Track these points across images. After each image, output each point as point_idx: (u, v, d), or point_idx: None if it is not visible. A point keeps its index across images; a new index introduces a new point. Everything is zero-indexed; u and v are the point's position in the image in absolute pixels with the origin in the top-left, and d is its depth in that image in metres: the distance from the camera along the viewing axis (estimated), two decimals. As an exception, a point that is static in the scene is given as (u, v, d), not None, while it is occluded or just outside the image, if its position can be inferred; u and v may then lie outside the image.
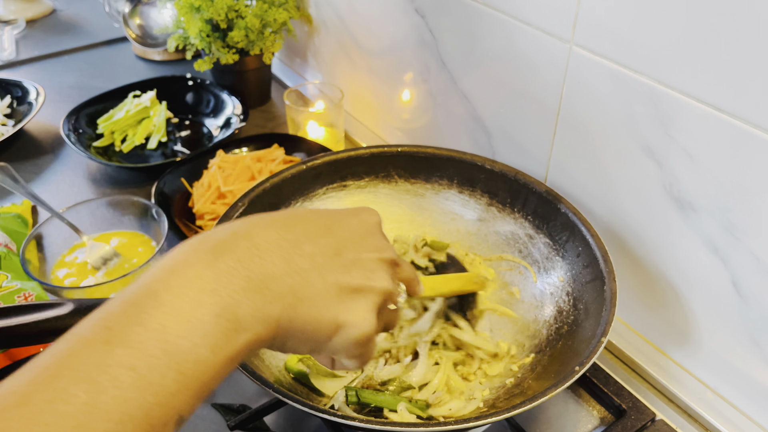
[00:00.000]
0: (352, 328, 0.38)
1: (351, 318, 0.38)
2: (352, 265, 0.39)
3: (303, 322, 0.36)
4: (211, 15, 1.03)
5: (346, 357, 0.40)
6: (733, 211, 0.56)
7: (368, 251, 0.40)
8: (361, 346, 0.39)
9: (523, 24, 0.70)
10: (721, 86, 0.53)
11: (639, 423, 0.62)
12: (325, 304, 0.37)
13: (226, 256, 0.34)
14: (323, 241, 0.39)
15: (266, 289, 0.34)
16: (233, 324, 0.32)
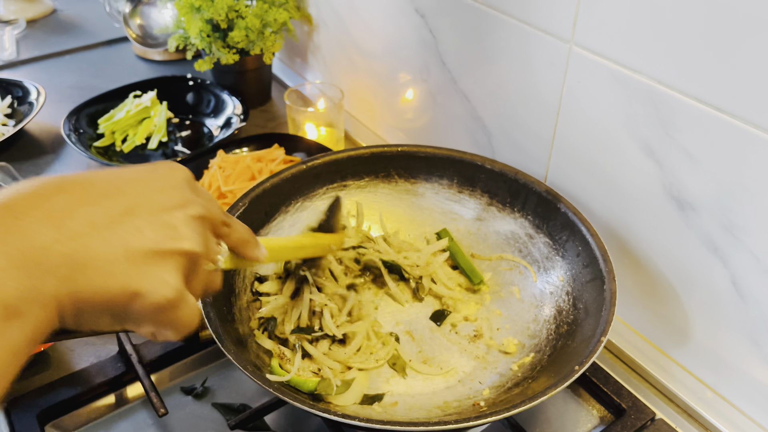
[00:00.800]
0: (150, 295, 0.33)
1: (146, 284, 0.33)
2: (146, 225, 0.34)
3: (90, 294, 0.32)
4: (211, 15, 1.03)
5: (156, 326, 0.36)
6: (732, 211, 0.57)
7: (169, 209, 0.36)
8: (166, 312, 0.35)
9: (523, 24, 0.70)
10: (720, 86, 0.53)
11: (639, 422, 0.62)
12: (112, 271, 0.32)
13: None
14: (108, 202, 0.34)
15: (34, 264, 0.30)
16: (1, 311, 0.28)
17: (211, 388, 0.67)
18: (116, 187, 0.35)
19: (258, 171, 0.90)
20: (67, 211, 0.32)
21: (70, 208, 0.32)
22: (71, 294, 0.31)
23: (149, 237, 0.34)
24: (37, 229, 0.30)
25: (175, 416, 0.64)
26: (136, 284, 0.33)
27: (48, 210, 0.31)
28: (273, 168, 0.91)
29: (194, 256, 0.36)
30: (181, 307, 0.36)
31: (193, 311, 0.37)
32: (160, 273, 0.34)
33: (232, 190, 0.87)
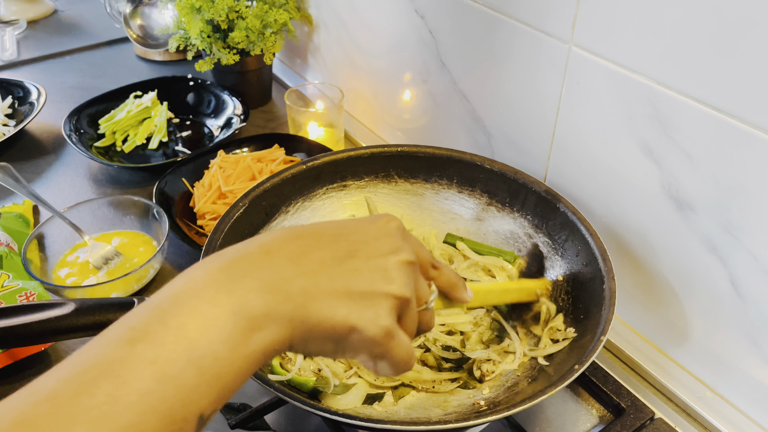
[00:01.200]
0: (364, 330, 0.38)
1: (362, 320, 0.38)
2: (364, 267, 0.40)
3: (316, 322, 0.37)
4: (211, 16, 1.03)
5: (372, 358, 0.41)
6: (731, 211, 0.57)
7: (382, 254, 0.41)
8: (379, 346, 0.39)
9: (522, 24, 0.70)
10: (719, 86, 0.53)
11: (638, 422, 0.62)
12: (335, 305, 0.38)
13: (239, 262, 0.36)
14: (334, 246, 0.40)
15: (277, 291, 0.36)
16: (248, 322, 0.34)
17: (211, 387, 0.67)
18: (341, 235, 0.41)
19: (258, 171, 0.90)
20: (305, 253, 0.38)
21: (306, 250, 0.39)
22: (303, 320, 0.36)
23: (366, 278, 0.39)
24: (283, 264, 0.37)
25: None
26: (354, 319, 0.38)
27: (290, 251, 0.38)
28: (273, 168, 0.91)
29: (403, 299, 0.41)
30: (392, 343, 0.40)
31: (405, 348, 0.41)
32: (374, 311, 0.39)
33: (233, 190, 0.87)
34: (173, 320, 0.32)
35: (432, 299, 0.46)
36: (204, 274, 0.35)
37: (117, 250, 0.82)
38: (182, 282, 0.35)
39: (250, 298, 0.34)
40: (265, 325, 0.35)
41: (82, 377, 0.29)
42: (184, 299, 0.33)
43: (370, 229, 0.42)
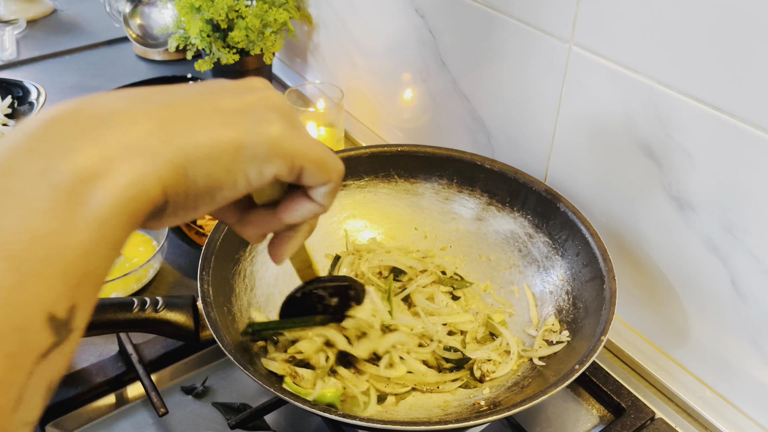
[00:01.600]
0: (257, 130, 0.31)
1: (249, 124, 0.31)
2: (238, 92, 0.33)
3: (195, 147, 0.28)
4: (211, 15, 1.03)
5: (289, 167, 0.32)
6: (732, 211, 0.57)
7: (250, 93, 0.33)
8: (282, 140, 0.32)
9: (522, 24, 0.70)
10: (719, 86, 0.53)
11: (638, 422, 0.62)
12: (212, 123, 0.30)
13: (61, 125, 0.26)
14: (193, 89, 0.32)
15: (116, 126, 0.27)
16: (76, 174, 0.25)
17: (211, 387, 0.68)
18: (200, 92, 0.33)
19: (258, 171, 0.90)
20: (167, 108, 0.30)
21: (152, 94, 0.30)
22: (180, 149, 0.28)
23: (240, 99, 0.32)
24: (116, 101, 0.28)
25: (176, 416, 0.65)
26: (240, 127, 0.30)
27: (140, 112, 0.29)
28: (273, 168, 0.91)
29: (284, 111, 0.34)
30: (295, 134, 0.33)
31: (313, 140, 0.34)
32: (260, 118, 0.32)
33: (233, 189, 0.87)
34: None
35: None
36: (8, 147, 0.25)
37: (116, 250, 0.82)
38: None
39: (70, 145, 0.25)
40: (106, 168, 0.25)
41: None
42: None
43: (237, 83, 0.34)
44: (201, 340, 0.67)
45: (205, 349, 0.70)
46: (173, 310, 0.63)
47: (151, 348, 0.69)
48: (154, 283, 0.81)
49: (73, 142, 0.26)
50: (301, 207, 0.37)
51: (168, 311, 0.63)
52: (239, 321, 0.62)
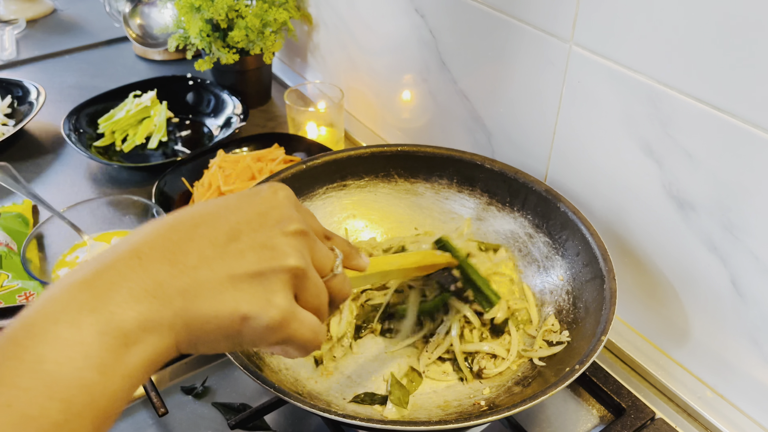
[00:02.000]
0: (258, 317, 0.35)
1: (253, 306, 0.35)
2: (248, 249, 0.36)
3: (202, 323, 0.34)
4: (211, 15, 1.03)
5: (274, 346, 0.37)
6: (732, 210, 0.57)
7: (267, 229, 0.37)
8: (277, 331, 0.36)
9: (523, 24, 0.70)
10: (720, 86, 0.53)
11: (638, 422, 0.62)
12: (220, 299, 0.34)
13: (105, 273, 0.32)
14: (213, 232, 0.36)
15: (152, 298, 0.32)
16: (119, 339, 0.31)
17: (211, 387, 0.67)
18: (221, 216, 0.37)
19: (258, 171, 0.90)
20: (180, 247, 0.35)
21: (182, 244, 0.35)
22: (186, 323, 0.33)
23: (251, 260, 0.36)
24: (156, 267, 0.33)
25: (176, 416, 0.65)
26: (244, 308, 0.35)
27: (164, 248, 0.34)
28: (273, 168, 0.91)
29: (298, 271, 0.37)
30: (292, 324, 0.37)
31: (308, 326, 0.38)
32: (265, 294, 0.36)
33: (232, 189, 0.87)
34: (28, 353, 0.29)
35: (338, 263, 0.42)
36: (63, 292, 0.31)
37: (116, 250, 0.82)
38: (39, 305, 0.31)
39: (118, 313, 0.31)
40: (140, 339, 0.32)
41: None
42: (41, 326, 0.30)
43: (254, 203, 0.38)
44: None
45: (205, 349, 0.70)
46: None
47: (151, 348, 0.69)
48: (153, 283, 0.81)
49: (123, 313, 0.32)
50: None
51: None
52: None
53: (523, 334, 0.67)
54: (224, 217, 0.37)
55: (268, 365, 0.59)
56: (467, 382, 0.62)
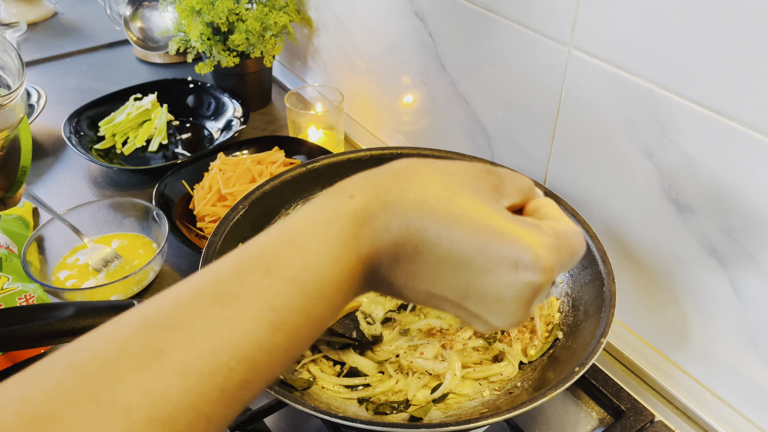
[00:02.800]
0: (536, 266, 0.32)
1: (537, 249, 0.32)
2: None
3: (454, 242, 0.32)
4: (211, 18, 1.03)
5: (497, 316, 0.35)
6: (731, 213, 0.57)
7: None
8: (533, 297, 0.33)
9: (522, 27, 0.70)
10: (719, 89, 0.53)
11: (638, 424, 0.62)
12: (493, 220, 0.33)
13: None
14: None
15: (401, 201, 0.33)
16: (359, 219, 0.33)
17: (211, 390, 0.67)
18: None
19: (258, 173, 0.90)
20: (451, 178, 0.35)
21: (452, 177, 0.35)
22: (437, 232, 0.33)
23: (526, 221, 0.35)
24: (424, 185, 0.34)
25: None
26: (525, 244, 0.32)
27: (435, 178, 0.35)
28: (273, 170, 0.91)
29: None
30: (543, 291, 0.34)
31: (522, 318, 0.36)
32: (545, 241, 0.33)
33: (233, 192, 0.87)
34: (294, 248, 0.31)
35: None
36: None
37: (117, 253, 0.82)
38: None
39: (369, 202, 0.34)
40: (371, 222, 0.33)
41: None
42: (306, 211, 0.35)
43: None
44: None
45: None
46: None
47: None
48: (154, 286, 0.81)
49: (375, 201, 0.35)
50: None
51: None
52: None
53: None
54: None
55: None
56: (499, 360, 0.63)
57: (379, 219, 0.33)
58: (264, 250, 0.31)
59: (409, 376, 0.62)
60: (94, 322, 0.56)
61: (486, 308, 0.34)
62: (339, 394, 0.60)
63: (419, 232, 0.33)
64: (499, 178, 0.36)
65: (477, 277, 0.33)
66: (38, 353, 0.70)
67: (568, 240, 0.35)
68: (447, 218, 0.33)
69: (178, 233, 0.83)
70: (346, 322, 0.62)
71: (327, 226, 0.32)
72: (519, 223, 0.33)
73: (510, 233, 0.32)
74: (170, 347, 0.27)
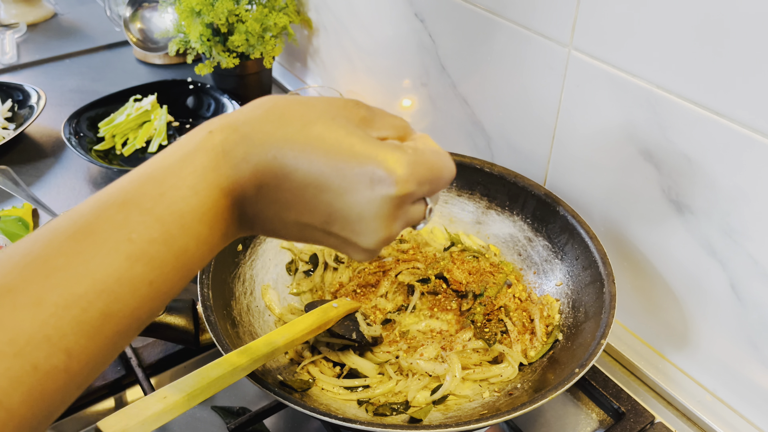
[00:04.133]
0: (389, 179, 0.34)
1: (389, 163, 0.34)
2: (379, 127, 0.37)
3: (312, 165, 0.33)
4: (211, 19, 1.03)
5: (363, 236, 0.36)
6: (731, 215, 0.57)
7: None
8: (394, 212, 0.35)
9: (522, 28, 0.70)
10: (719, 90, 0.53)
11: (638, 426, 0.62)
12: (349, 142, 0.34)
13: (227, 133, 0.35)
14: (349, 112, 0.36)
15: (260, 132, 0.34)
16: (217, 152, 0.33)
17: (210, 391, 0.67)
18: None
19: (258, 174, 0.90)
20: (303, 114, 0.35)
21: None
22: (294, 158, 0.33)
23: (383, 130, 0.38)
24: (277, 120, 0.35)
25: (175, 420, 0.64)
26: (381, 161, 0.34)
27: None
28: (273, 171, 0.91)
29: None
30: (406, 207, 0.37)
31: (416, 219, 0.38)
32: (401, 156, 0.35)
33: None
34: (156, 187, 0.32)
35: (429, 211, 0.40)
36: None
37: (116, 254, 0.82)
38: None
39: (228, 138, 0.34)
40: (236, 160, 0.33)
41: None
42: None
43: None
44: (201, 343, 0.67)
45: (204, 352, 0.70)
46: (173, 314, 0.63)
47: (151, 351, 0.69)
48: (153, 287, 0.81)
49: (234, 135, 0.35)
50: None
51: (168, 315, 0.63)
52: (239, 324, 0.62)
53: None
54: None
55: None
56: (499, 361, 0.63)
57: (238, 150, 0.34)
58: (122, 187, 0.32)
59: (409, 378, 0.61)
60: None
61: (351, 230, 0.35)
62: (338, 396, 0.60)
63: (278, 160, 0.33)
64: (369, 112, 0.37)
65: (338, 198, 0.34)
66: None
67: (425, 155, 0.37)
68: (303, 143, 0.33)
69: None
70: (346, 324, 0.62)
71: (184, 159, 0.33)
72: (375, 143, 0.35)
73: (365, 152, 0.34)
74: (22, 283, 0.27)
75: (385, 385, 0.61)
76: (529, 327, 0.65)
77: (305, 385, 0.60)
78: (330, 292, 0.71)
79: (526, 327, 0.65)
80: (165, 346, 0.69)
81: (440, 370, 0.61)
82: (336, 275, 0.73)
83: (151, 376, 0.67)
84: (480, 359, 0.63)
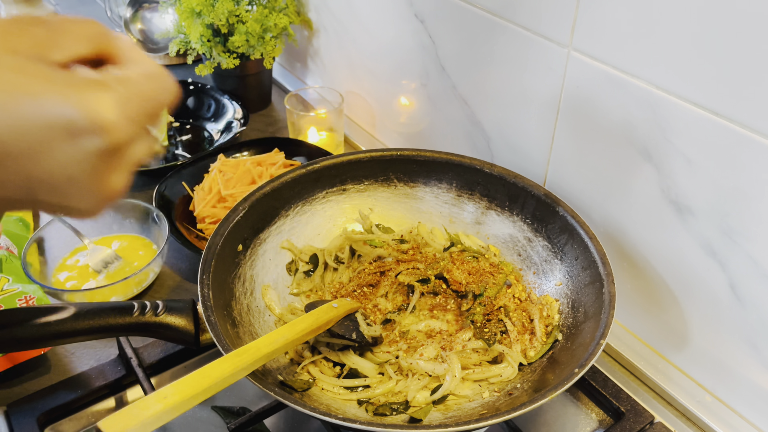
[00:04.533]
0: (95, 128, 0.27)
1: (91, 107, 0.27)
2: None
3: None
4: (212, 20, 1.03)
5: (79, 198, 0.29)
6: (730, 215, 0.57)
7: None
8: (110, 163, 0.28)
9: (522, 29, 0.70)
10: (718, 90, 0.54)
11: (637, 426, 0.62)
12: (25, 87, 0.26)
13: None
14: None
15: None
16: None
17: (211, 391, 0.67)
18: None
19: (258, 175, 0.90)
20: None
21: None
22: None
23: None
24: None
25: (175, 420, 0.64)
26: (81, 106, 0.27)
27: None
28: (273, 172, 0.91)
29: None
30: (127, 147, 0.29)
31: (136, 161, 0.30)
32: (107, 97, 0.28)
33: (233, 194, 0.87)
34: None
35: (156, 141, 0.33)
36: None
37: (117, 254, 0.82)
38: None
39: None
40: None
41: None
42: None
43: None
44: (201, 343, 0.67)
45: (205, 352, 0.71)
46: (173, 314, 0.63)
47: (151, 352, 0.69)
48: (154, 287, 0.81)
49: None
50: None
51: (168, 315, 0.63)
52: (239, 324, 0.62)
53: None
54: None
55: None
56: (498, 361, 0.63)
57: None
58: None
59: (409, 378, 0.62)
60: (93, 323, 0.56)
61: (63, 195, 0.29)
62: (339, 396, 0.60)
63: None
64: (46, 27, 0.29)
65: (32, 165, 0.27)
66: (38, 354, 0.70)
67: (137, 85, 0.29)
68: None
69: (178, 235, 0.83)
70: (346, 324, 0.62)
71: None
72: (61, 83, 0.27)
73: (50, 99, 0.26)
74: None
75: (385, 385, 0.61)
76: (528, 327, 0.65)
77: (305, 385, 0.60)
78: (330, 292, 0.71)
79: (525, 327, 0.65)
80: (165, 346, 0.69)
81: (440, 370, 0.61)
82: (336, 275, 0.73)
83: (151, 376, 0.68)
84: (480, 359, 0.63)
